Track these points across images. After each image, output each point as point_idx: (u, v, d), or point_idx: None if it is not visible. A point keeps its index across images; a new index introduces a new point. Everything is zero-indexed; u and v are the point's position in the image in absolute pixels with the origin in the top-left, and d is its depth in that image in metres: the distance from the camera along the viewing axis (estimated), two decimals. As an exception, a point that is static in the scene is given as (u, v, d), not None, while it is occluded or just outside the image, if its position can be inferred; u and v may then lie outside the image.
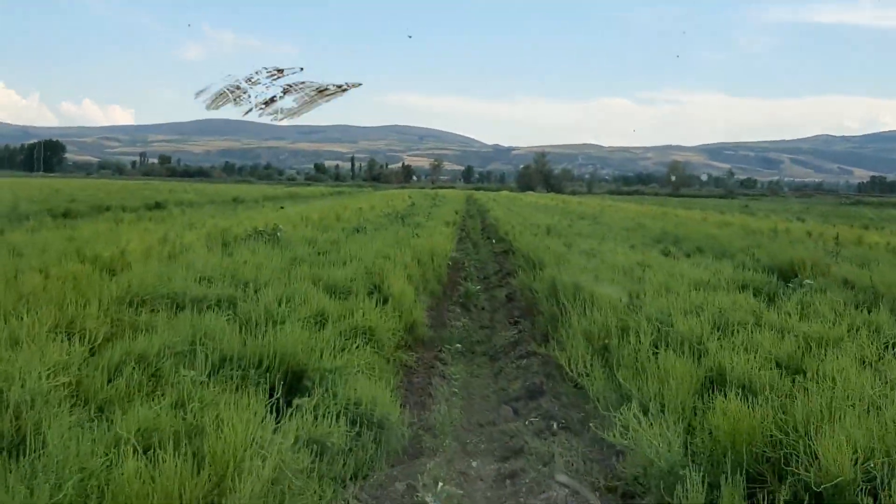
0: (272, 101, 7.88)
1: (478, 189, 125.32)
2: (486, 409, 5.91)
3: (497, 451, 4.97)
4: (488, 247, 19.21)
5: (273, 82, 7.80)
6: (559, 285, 8.32)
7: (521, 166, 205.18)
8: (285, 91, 7.83)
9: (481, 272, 14.31)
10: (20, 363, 3.94)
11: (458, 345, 7.94)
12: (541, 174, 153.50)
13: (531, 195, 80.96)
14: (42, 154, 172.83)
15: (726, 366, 5.03)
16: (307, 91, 7.88)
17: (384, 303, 7.20)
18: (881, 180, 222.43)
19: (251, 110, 7.89)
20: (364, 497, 3.94)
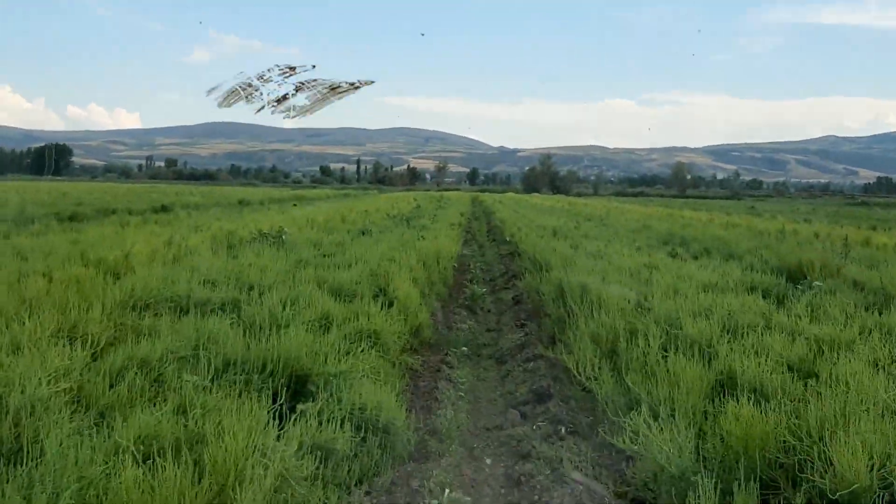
0: (284, 98, 7.83)
1: (483, 191, 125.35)
2: (493, 413, 5.84)
3: (504, 455, 4.91)
4: (494, 249, 19.14)
5: (285, 80, 7.76)
6: (566, 287, 8.25)
7: (527, 168, 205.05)
8: (297, 89, 7.79)
9: (487, 274, 14.24)
10: (21, 369, 3.89)
11: (465, 348, 7.88)
12: (546, 176, 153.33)
13: (537, 197, 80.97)
14: (52, 157, 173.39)
15: (737, 369, 4.95)
16: (319, 89, 7.83)
17: (389, 306, 7.14)
18: (887, 181, 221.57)
19: (263, 108, 7.84)
20: (369, 504, 3.88)
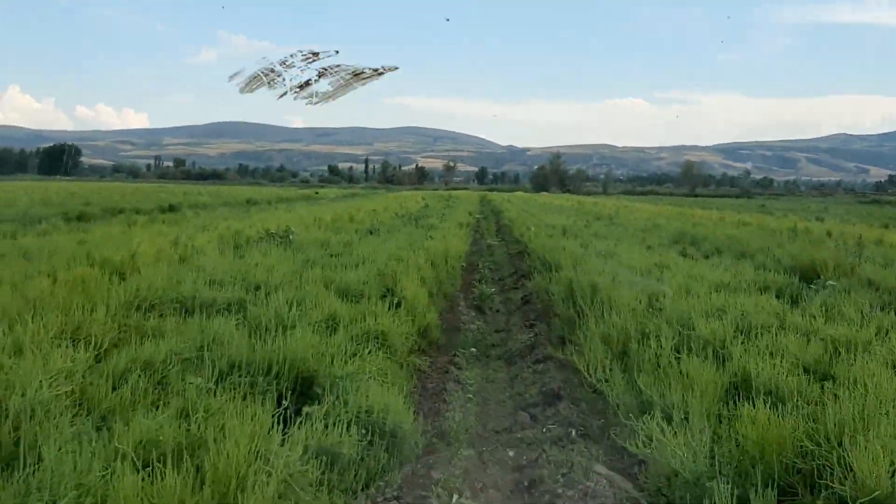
0: (307, 84, 7.73)
1: (492, 190, 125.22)
2: (503, 416, 5.74)
3: (514, 459, 4.81)
4: (503, 248, 19.04)
5: (308, 66, 7.65)
6: (576, 287, 8.16)
7: (536, 167, 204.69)
8: (320, 74, 7.69)
9: (496, 274, 14.14)
10: (22, 371, 3.83)
11: (473, 349, 7.79)
12: (555, 175, 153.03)
13: (546, 196, 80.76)
14: (70, 157, 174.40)
15: (751, 371, 4.87)
16: (342, 74, 7.73)
17: (397, 306, 7.06)
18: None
19: (285, 93, 7.74)
20: (376, 509, 3.80)
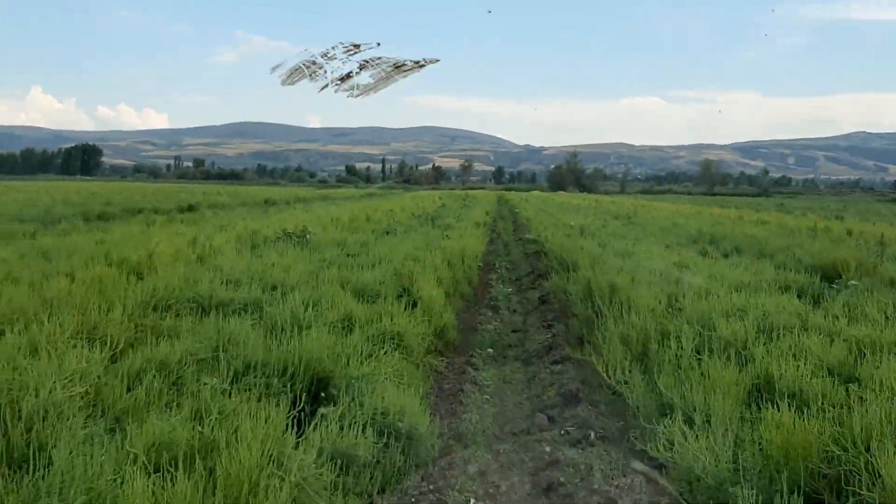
0: (348, 76, 7.74)
1: (509, 189, 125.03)
2: (520, 417, 5.67)
3: (532, 462, 4.74)
4: (520, 248, 18.96)
5: (349, 58, 7.65)
6: (594, 287, 8.08)
7: (553, 166, 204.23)
8: (361, 67, 7.68)
9: (513, 274, 14.06)
10: (36, 372, 3.81)
11: (490, 349, 7.73)
12: (572, 174, 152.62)
13: (563, 195, 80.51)
14: (91, 157, 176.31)
15: (774, 373, 4.76)
16: (384, 67, 7.72)
17: (413, 306, 7.01)
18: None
19: (327, 86, 7.76)
20: (392, 513, 3.75)
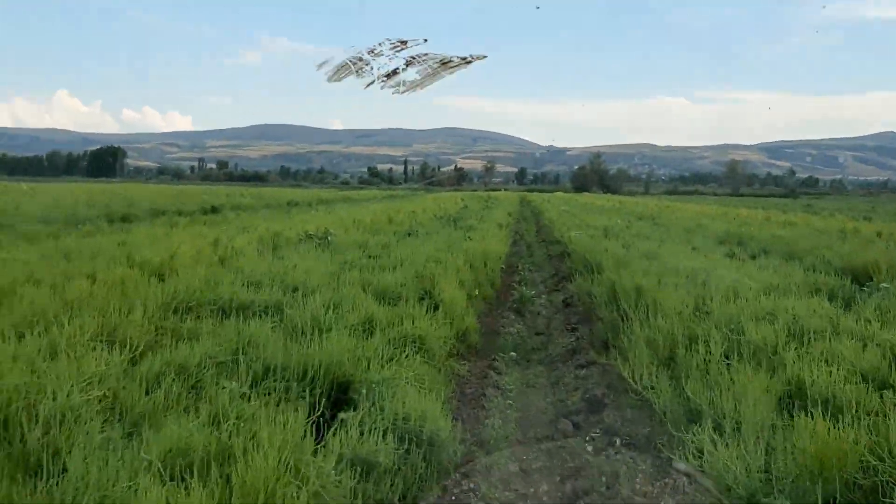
0: (394, 72, 7.74)
1: (531, 191, 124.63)
2: (544, 423, 5.56)
3: (556, 469, 4.63)
4: (543, 250, 18.81)
5: (396, 54, 7.66)
6: (619, 290, 7.94)
7: (576, 167, 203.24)
8: (408, 63, 7.68)
9: (536, 276, 13.92)
10: (55, 375, 3.77)
11: (513, 353, 7.62)
12: (596, 175, 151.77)
13: (586, 196, 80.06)
14: (116, 160, 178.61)
15: (806, 379, 4.60)
16: (430, 63, 7.71)
17: (435, 309, 6.92)
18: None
19: (373, 82, 7.78)
20: (412, 521, 3.66)
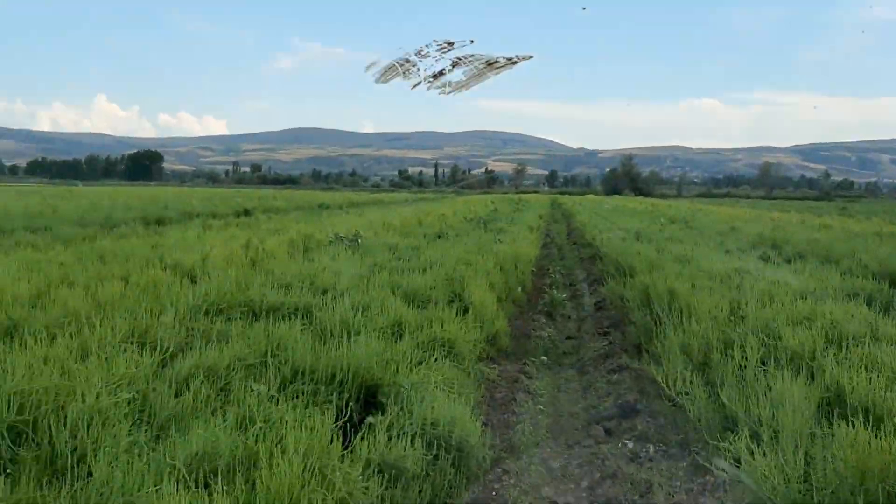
0: (441, 73, 7.80)
1: (562, 193, 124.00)
2: (575, 429, 5.46)
3: (588, 476, 4.54)
4: (574, 252, 18.66)
5: (442, 55, 7.72)
6: (652, 293, 7.80)
7: (607, 169, 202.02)
8: (454, 64, 7.74)
9: (567, 279, 13.80)
10: (84, 377, 3.78)
11: (544, 357, 7.53)
12: (628, 177, 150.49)
13: (618, 199, 79.32)
14: (152, 164, 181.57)
15: (845, 386, 4.45)
16: (476, 64, 7.77)
17: (465, 312, 6.86)
18: None
19: (419, 83, 7.85)
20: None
